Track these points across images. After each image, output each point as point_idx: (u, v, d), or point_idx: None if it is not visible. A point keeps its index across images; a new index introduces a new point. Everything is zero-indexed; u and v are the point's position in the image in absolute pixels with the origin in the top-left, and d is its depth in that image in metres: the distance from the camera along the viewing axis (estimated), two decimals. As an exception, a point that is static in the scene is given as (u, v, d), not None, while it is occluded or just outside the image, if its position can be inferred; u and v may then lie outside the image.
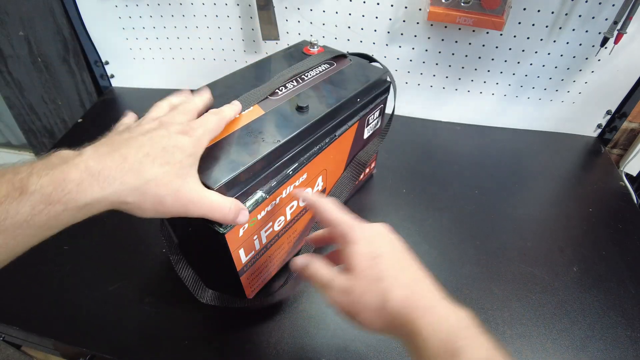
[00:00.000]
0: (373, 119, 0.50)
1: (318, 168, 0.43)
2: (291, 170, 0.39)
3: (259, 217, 0.37)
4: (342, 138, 0.45)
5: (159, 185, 0.27)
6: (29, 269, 0.49)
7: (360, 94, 0.45)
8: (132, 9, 0.72)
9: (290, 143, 0.37)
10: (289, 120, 0.39)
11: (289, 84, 0.44)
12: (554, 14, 0.58)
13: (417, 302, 0.26)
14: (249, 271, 0.41)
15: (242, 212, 0.32)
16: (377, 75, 0.47)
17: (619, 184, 0.62)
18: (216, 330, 0.43)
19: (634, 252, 0.51)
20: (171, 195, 0.27)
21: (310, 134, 0.40)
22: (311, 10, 0.66)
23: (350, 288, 0.28)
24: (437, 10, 0.58)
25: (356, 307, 0.28)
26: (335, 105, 0.41)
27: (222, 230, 0.33)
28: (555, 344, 0.42)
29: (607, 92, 0.65)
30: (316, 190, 0.46)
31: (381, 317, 0.27)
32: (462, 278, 0.48)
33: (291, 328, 0.43)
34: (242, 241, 0.37)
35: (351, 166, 0.50)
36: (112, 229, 0.53)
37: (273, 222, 0.40)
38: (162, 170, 0.27)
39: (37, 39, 0.75)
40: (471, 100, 0.71)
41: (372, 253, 0.29)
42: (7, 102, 0.86)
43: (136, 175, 0.26)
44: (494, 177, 0.63)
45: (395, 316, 0.26)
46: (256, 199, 0.35)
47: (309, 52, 0.50)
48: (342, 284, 0.29)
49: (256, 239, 0.39)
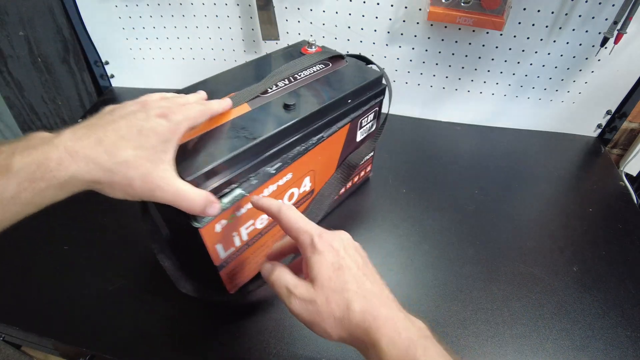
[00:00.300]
0: (367, 121, 0.49)
1: (305, 168, 0.43)
2: (274, 169, 0.38)
3: (238, 214, 0.37)
4: (332, 139, 0.45)
5: (130, 167, 0.27)
6: (29, 269, 0.49)
7: (351, 95, 0.44)
8: (132, 9, 0.72)
9: (271, 140, 0.37)
10: (274, 117, 0.39)
11: (280, 82, 0.44)
12: (554, 14, 0.58)
13: (378, 313, 0.27)
14: (229, 267, 0.41)
15: (213, 205, 0.32)
16: (372, 78, 0.46)
17: (619, 184, 0.62)
18: (216, 330, 0.43)
19: (634, 252, 0.51)
20: (140, 179, 0.28)
21: (294, 132, 0.39)
22: (311, 10, 0.66)
23: (312, 298, 0.28)
24: (437, 10, 0.58)
25: (318, 317, 0.28)
26: (323, 105, 0.41)
27: (197, 225, 0.34)
28: (555, 344, 0.42)
29: (607, 92, 0.65)
30: (303, 191, 0.46)
31: (342, 327, 0.27)
32: (462, 278, 0.48)
33: (291, 328, 0.43)
34: (219, 237, 0.37)
35: (341, 168, 0.49)
36: (112, 229, 0.53)
37: (255, 220, 0.41)
38: (135, 154, 0.28)
39: (37, 39, 0.75)
40: (471, 100, 0.71)
41: (335, 264, 0.29)
42: (7, 102, 0.86)
43: (109, 157, 0.27)
44: (494, 177, 0.63)
45: (356, 326, 0.27)
46: (234, 196, 0.35)
47: (307, 52, 0.50)
48: (305, 293, 0.29)
49: (236, 235, 0.39)
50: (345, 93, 0.43)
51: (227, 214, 0.36)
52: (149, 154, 0.28)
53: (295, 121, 0.39)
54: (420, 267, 0.49)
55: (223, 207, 0.34)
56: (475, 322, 0.43)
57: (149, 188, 0.28)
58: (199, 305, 0.44)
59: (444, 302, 0.45)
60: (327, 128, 0.43)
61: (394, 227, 0.54)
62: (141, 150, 0.28)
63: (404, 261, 0.50)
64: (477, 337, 0.42)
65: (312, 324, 0.28)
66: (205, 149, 0.34)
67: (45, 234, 0.52)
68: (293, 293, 0.29)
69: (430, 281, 0.47)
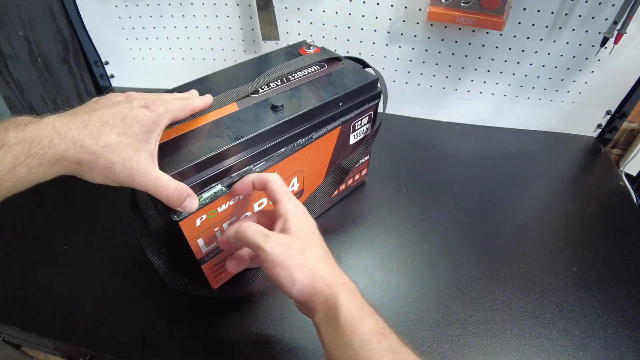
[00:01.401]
0: (360, 125, 0.49)
1: (292, 168, 0.43)
2: (257, 167, 0.39)
3: (219, 209, 0.38)
4: (322, 141, 0.44)
5: (112, 152, 0.28)
6: (29, 269, 0.49)
7: (343, 98, 0.44)
8: (132, 9, 0.72)
9: (255, 140, 0.37)
10: (259, 118, 0.39)
11: (273, 83, 0.44)
12: (554, 14, 0.58)
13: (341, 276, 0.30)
14: (212, 261, 0.42)
15: (190, 199, 0.33)
16: (366, 81, 0.46)
17: (619, 184, 0.62)
18: (216, 330, 0.43)
19: (634, 252, 0.51)
20: (121, 164, 0.29)
21: (280, 133, 0.39)
22: (311, 10, 0.66)
23: (288, 242, 0.31)
24: (437, 10, 0.58)
25: (289, 260, 0.29)
26: (311, 107, 0.41)
27: (176, 218, 0.34)
28: (555, 344, 0.42)
29: (607, 92, 0.65)
30: (291, 191, 0.45)
31: (309, 275, 0.29)
32: (462, 278, 0.48)
33: (291, 327, 0.43)
34: (200, 231, 0.38)
35: (333, 171, 0.49)
36: (113, 229, 0.53)
37: (238, 217, 0.41)
38: (118, 140, 0.29)
39: (37, 39, 0.75)
40: (471, 100, 0.71)
41: (312, 229, 0.33)
42: (7, 102, 0.86)
43: (93, 139, 0.28)
44: (494, 177, 0.63)
45: (321, 279, 0.29)
46: (214, 191, 0.36)
47: (305, 52, 0.50)
48: (281, 238, 0.31)
49: (217, 230, 0.40)
50: (337, 96, 0.43)
51: (206, 209, 0.36)
52: (131, 141, 0.29)
53: (281, 122, 0.39)
54: (420, 267, 0.49)
55: (202, 202, 0.35)
56: (475, 322, 0.43)
57: (129, 174, 0.29)
58: (200, 306, 0.44)
59: (444, 302, 0.45)
60: (316, 129, 0.43)
61: (394, 227, 0.54)
62: (124, 136, 0.29)
63: (404, 261, 0.50)
64: (477, 337, 0.42)
65: (281, 266, 0.29)
66: (187, 147, 0.35)
67: (45, 234, 0.52)
68: (270, 236, 0.31)
69: (430, 281, 0.47)
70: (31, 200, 0.57)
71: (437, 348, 0.41)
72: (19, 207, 0.56)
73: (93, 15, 0.74)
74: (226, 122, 0.38)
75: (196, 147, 0.35)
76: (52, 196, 0.57)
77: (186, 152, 0.34)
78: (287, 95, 0.42)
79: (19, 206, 0.56)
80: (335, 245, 0.51)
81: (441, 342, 0.42)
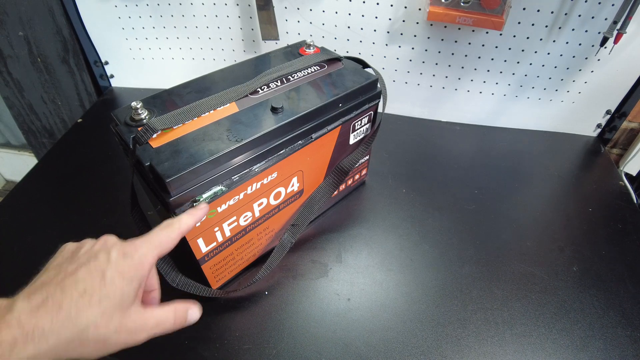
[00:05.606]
0: (360, 125, 0.49)
1: (292, 168, 0.43)
2: (257, 167, 0.39)
3: (219, 209, 0.38)
4: (322, 141, 0.44)
5: (99, 327, 0.25)
6: (29, 269, 0.48)
7: (343, 99, 0.44)
8: (132, 9, 0.72)
9: (256, 142, 0.37)
10: (260, 120, 0.39)
11: (272, 83, 0.44)
12: (554, 13, 0.58)
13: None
14: (212, 261, 0.42)
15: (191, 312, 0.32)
16: (366, 81, 0.46)
17: (619, 184, 0.62)
18: (216, 330, 0.43)
19: (634, 252, 0.51)
20: (114, 332, 0.26)
21: (280, 135, 0.39)
22: (311, 10, 0.66)
23: None
24: (437, 10, 0.58)
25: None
26: (311, 109, 0.41)
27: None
28: (555, 344, 0.42)
29: (606, 92, 0.65)
30: (291, 191, 0.46)
31: None
32: (462, 278, 0.48)
33: (291, 327, 0.43)
34: (200, 231, 0.38)
35: (333, 171, 0.49)
36: (112, 229, 0.53)
37: (238, 217, 0.41)
38: (101, 310, 0.25)
39: (36, 39, 0.75)
40: (471, 100, 0.71)
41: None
42: (7, 102, 0.86)
43: (72, 325, 0.24)
44: (493, 177, 0.63)
45: None
46: (214, 191, 0.36)
47: (304, 53, 0.50)
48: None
49: (217, 230, 0.40)
50: (337, 96, 0.43)
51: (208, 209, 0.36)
52: (116, 301, 0.26)
53: (281, 124, 0.39)
54: (420, 267, 0.49)
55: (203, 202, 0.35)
56: (475, 322, 0.43)
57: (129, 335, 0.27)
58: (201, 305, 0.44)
59: (444, 302, 0.45)
60: (316, 130, 0.43)
61: (394, 227, 0.54)
62: (107, 300, 0.26)
63: (404, 261, 0.50)
64: (477, 337, 0.42)
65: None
66: (188, 150, 0.35)
67: (45, 235, 0.52)
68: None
69: (430, 281, 0.47)
70: (31, 201, 0.57)
71: (437, 348, 0.41)
72: (19, 207, 0.56)
73: (93, 15, 0.74)
74: (226, 124, 0.38)
75: (195, 149, 0.35)
76: (52, 196, 0.58)
77: (187, 155, 0.34)
78: (287, 96, 0.42)
79: (19, 207, 0.56)
80: (335, 245, 0.51)
81: (441, 342, 0.42)
